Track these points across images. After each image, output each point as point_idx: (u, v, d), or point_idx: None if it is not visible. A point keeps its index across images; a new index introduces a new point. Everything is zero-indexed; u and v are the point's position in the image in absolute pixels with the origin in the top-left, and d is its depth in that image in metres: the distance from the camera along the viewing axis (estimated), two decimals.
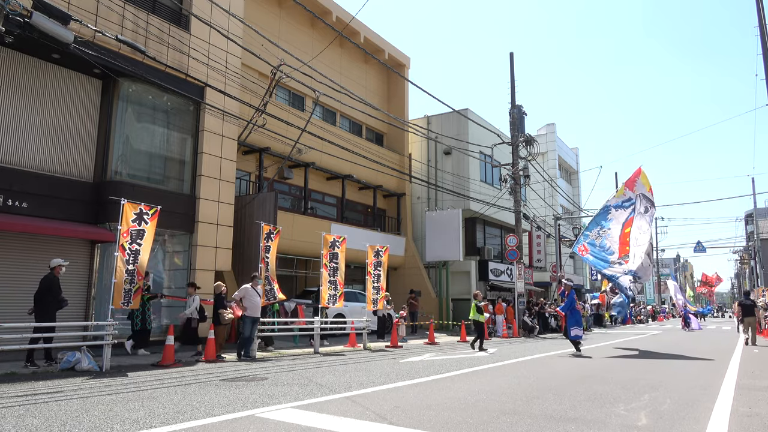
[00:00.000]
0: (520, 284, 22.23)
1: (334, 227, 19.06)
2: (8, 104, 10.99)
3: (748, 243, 53.39)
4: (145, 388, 6.71)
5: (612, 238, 13.55)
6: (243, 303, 10.65)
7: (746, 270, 59.07)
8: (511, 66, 23.06)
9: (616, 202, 13.80)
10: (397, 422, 4.83)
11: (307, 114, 17.35)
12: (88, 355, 8.54)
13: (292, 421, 4.82)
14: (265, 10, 18.69)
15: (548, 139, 39.13)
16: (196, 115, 13.98)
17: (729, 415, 5.35)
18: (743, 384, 7.56)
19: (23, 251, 10.79)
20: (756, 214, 45.38)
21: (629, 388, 6.99)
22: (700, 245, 44.88)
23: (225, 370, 8.68)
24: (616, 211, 13.67)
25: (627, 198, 13.69)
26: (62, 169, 11.76)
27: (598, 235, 13.75)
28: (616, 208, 13.72)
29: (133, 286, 9.43)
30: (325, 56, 19.99)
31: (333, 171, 20.46)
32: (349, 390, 6.63)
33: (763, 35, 14.44)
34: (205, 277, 13.29)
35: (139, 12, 12.47)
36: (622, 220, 13.54)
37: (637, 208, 13.48)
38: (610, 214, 13.75)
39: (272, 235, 12.31)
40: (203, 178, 13.68)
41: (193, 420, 4.83)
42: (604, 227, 13.72)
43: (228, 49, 14.21)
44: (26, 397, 5.98)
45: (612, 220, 13.72)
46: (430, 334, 15.69)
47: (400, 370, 8.88)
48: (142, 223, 9.55)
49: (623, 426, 4.81)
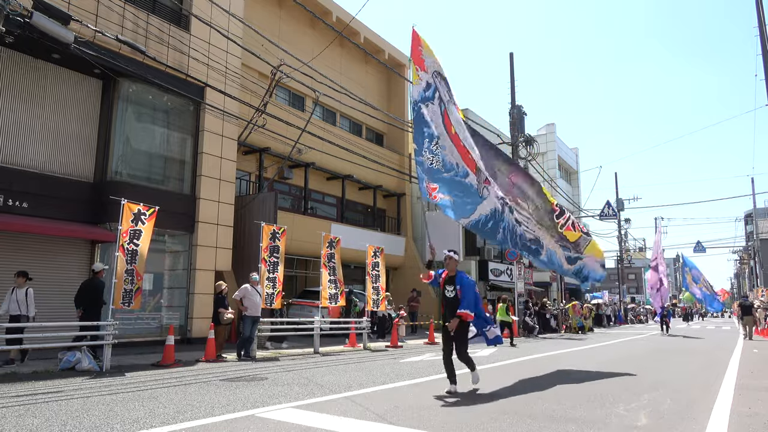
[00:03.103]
0: (520, 284, 22.24)
1: (334, 227, 19.07)
2: (8, 104, 10.99)
3: (748, 243, 53.44)
4: (146, 388, 6.71)
5: (449, 149, 9.30)
6: (243, 303, 10.65)
7: (746, 270, 59.10)
8: (511, 66, 23.05)
9: (420, 94, 9.49)
10: (397, 422, 4.83)
11: (307, 114, 17.36)
12: (89, 355, 8.54)
13: (292, 421, 4.82)
14: (265, 10, 18.69)
15: (548, 139, 39.13)
16: (196, 115, 13.98)
17: (729, 415, 5.35)
18: (743, 384, 7.56)
19: (23, 251, 10.79)
20: (756, 214, 45.43)
21: (629, 388, 6.99)
22: (699, 245, 44.89)
23: (225, 370, 8.68)
24: (427, 107, 9.42)
25: (426, 84, 9.48)
26: (62, 169, 11.76)
27: (433, 153, 9.22)
28: (425, 102, 9.43)
29: (133, 286, 9.43)
30: (325, 56, 19.98)
31: (333, 171, 20.47)
32: (349, 390, 6.63)
33: (762, 35, 14.44)
34: (205, 277, 13.30)
35: (139, 12, 12.47)
36: (441, 121, 9.41)
37: (441, 96, 9.43)
38: (426, 115, 9.45)
39: (278, 235, 12.27)
40: (203, 178, 13.68)
41: (194, 420, 4.84)
42: (433, 137, 9.27)
43: (228, 49, 14.21)
44: (26, 397, 5.99)
45: (432, 123, 9.42)
46: (430, 334, 15.69)
47: (400, 370, 8.88)
48: (139, 223, 9.56)
49: (623, 426, 4.81)
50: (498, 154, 10.27)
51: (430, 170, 9.18)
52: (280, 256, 12.20)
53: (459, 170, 9.22)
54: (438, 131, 9.27)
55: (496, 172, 9.77)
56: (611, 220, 37.60)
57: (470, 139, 9.48)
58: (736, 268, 73.33)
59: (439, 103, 9.37)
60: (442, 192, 9.22)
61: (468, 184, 9.20)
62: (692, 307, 46.54)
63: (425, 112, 9.35)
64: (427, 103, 9.39)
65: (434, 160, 9.19)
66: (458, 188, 9.20)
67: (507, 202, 9.57)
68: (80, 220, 11.63)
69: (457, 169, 9.21)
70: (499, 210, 9.36)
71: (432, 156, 9.20)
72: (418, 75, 9.52)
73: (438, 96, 9.40)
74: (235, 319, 11.71)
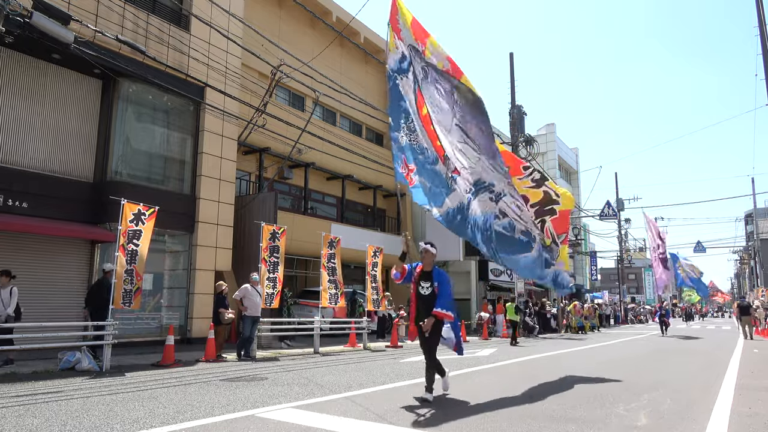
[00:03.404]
0: (519, 284, 22.25)
1: (334, 227, 19.07)
2: (8, 104, 10.99)
3: (748, 243, 53.41)
4: (145, 388, 6.71)
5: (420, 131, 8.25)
6: (243, 303, 10.65)
7: (746, 270, 59.11)
8: (511, 66, 23.07)
9: (396, 64, 8.34)
10: (397, 422, 4.82)
11: (307, 114, 17.36)
12: (88, 355, 8.55)
13: (292, 421, 4.82)
14: (265, 10, 18.69)
15: (548, 139, 39.16)
16: (196, 115, 13.98)
17: (729, 415, 5.35)
18: (743, 384, 7.55)
19: (23, 251, 10.79)
20: (756, 214, 45.42)
21: (629, 388, 6.99)
22: (700, 245, 44.88)
23: (225, 370, 8.68)
24: (401, 79, 8.31)
25: (401, 55, 8.35)
26: (62, 169, 11.76)
27: (410, 130, 8.22)
28: (400, 74, 8.30)
29: (132, 286, 9.43)
30: (325, 56, 19.98)
31: (333, 171, 20.47)
32: (349, 390, 6.63)
33: (763, 35, 14.45)
34: (205, 277, 13.30)
35: (139, 12, 12.47)
36: (414, 99, 8.29)
37: (416, 72, 8.25)
38: (401, 87, 8.31)
39: (278, 235, 12.27)
40: (203, 178, 13.68)
41: (194, 420, 4.83)
42: (409, 114, 8.24)
43: (228, 49, 14.21)
44: (26, 397, 5.98)
45: (407, 99, 8.31)
46: None
47: (400, 370, 8.87)
48: (139, 223, 9.56)
49: (623, 426, 4.81)
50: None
51: (408, 148, 8.14)
52: (280, 256, 12.20)
53: (428, 155, 8.18)
54: (412, 110, 8.26)
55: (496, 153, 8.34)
56: (611, 220, 37.61)
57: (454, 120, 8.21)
58: (737, 268, 73.32)
59: (413, 79, 8.27)
60: (420, 175, 8.09)
61: (438, 171, 8.21)
62: (692, 307, 46.53)
63: (401, 84, 8.30)
64: (402, 75, 8.32)
65: (412, 138, 8.17)
66: (430, 174, 8.17)
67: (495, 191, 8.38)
68: (80, 220, 11.63)
69: (426, 153, 8.18)
70: (465, 205, 8.27)
71: (410, 133, 8.21)
72: (395, 42, 8.38)
73: (412, 71, 8.27)
74: (235, 319, 11.71)
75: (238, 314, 11.27)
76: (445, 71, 8.22)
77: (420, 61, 8.27)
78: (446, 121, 8.27)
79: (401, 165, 7.96)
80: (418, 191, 8.04)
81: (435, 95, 8.27)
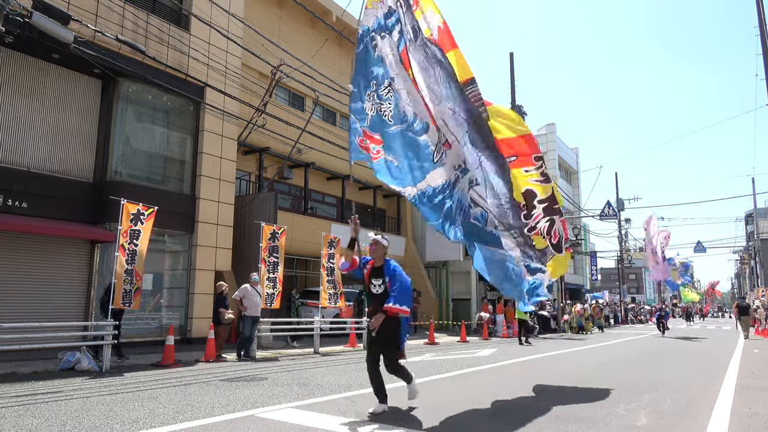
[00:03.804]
0: None
1: (334, 227, 19.05)
2: (8, 104, 10.99)
3: (748, 243, 53.40)
4: (145, 388, 6.70)
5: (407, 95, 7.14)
6: (243, 303, 10.65)
7: (746, 270, 59.13)
8: (511, 66, 23.06)
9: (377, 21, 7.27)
10: (397, 422, 4.82)
11: (307, 114, 17.35)
12: (88, 355, 8.54)
13: (292, 421, 4.82)
14: (265, 10, 18.68)
15: (548, 139, 39.12)
16: (196, 115, 13.98)
17: (729, 415, 5.35)
18: (743, 384, 7.55)
19: (23, 251, 10.79)
20: (756, 214, 45.41)
21: (629, 388, 6.99)
22: (700, 245, 44.87)
23: (225, 370, 8.67)
24: (383, 39, 7.22)
25: (387, 10, 7.20)
26: (62, 169, 11.75)
27: (381, 98, 7.18)
28: (380, 33, 7.23)
29: (132, 286, 9.42)
30: (325, 56, 19.97)
31: (333, 171, 20.46)
32: (349, 390, 6.63)
33: (763, 35, 14.45)
34: (205, 278, 13.30)
35: (139, 12, 12.47)
36: (399, 59, 7.16)
37: (404, 30, 7.00)
38: (381, 50, 7.25)
39: (277, 235, 12.26)
40: (203, 178, 13.68)
41: (193, 420, 4.83)
42: (386, 78, 7.20)
43: (228, 49, 14.21)
44: (26, 397, 5.98)
45: (387, 61, 7.22)
46: (430, 334, 15.68)
47: None
48: (138, 223, 9.55)
49: (623, 426, 4.81)
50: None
51: (374, 121, 7.15)
52: (280, 256, 12.20)
53: (415, 124, 7.10)
54: (394, 72, 7.13)
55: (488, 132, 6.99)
56: (611, 220, 37.60)
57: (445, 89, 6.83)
58: (737, 268, 73.35)
59: (399, 37, 7.08)
60: (389, 151, 7.09)
61: (423, 143, 7.10)
62: (692, 308, 46.51)
63: (380, 45, 7.20)
64: (383, 33, 7.19)
65: (383, 108, 7.13)
66: (411, 147, 7.07)
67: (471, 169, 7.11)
68: (80, 220, 11.62)
69: (412, 121, 7.11)
70: (451, 182, 7.25)
71: (380, 102, 7.14)
72: None
73: (400, 29, 7.04)
74: (235, 319, 11.71)
75: (238, 314, 11.27)
76: (433, 41, 6.87)
77: (410, 17, 6.98)
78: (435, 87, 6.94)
79: (360, 137, 7.15)
80: (381, 167, 7.15)
81: (423, 60, 6.94)
